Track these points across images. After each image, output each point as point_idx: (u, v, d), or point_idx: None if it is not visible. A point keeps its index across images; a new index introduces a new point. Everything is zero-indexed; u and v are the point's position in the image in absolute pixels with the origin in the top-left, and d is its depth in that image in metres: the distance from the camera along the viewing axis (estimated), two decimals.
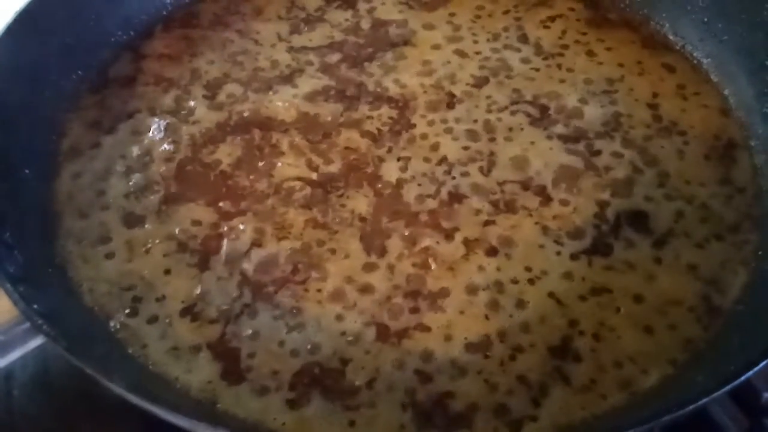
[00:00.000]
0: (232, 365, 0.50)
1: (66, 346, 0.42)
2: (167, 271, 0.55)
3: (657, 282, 0.55)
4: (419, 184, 0.61)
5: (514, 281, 0.55)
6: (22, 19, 0.63)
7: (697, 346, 0.51)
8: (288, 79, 0.70)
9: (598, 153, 0.64)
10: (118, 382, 0.39)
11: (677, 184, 0.62)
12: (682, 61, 0.72)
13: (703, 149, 0.65)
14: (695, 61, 0.72)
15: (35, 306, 0.44)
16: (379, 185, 0.61)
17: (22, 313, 0.43)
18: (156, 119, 0.66)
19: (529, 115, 0.67)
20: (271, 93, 0.69)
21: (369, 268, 0.56)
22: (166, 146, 0.64)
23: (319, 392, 0.49)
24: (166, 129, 0.65)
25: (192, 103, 0.67)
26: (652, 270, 0.56)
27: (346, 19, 0.76)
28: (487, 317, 0.53)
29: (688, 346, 0.52)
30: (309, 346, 0.51)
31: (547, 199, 0.60)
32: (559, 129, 0.66)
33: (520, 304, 0.54)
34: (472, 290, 0.54)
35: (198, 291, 0.54)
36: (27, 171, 0.59)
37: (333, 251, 0.57)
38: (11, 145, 0.58)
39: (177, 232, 0.58)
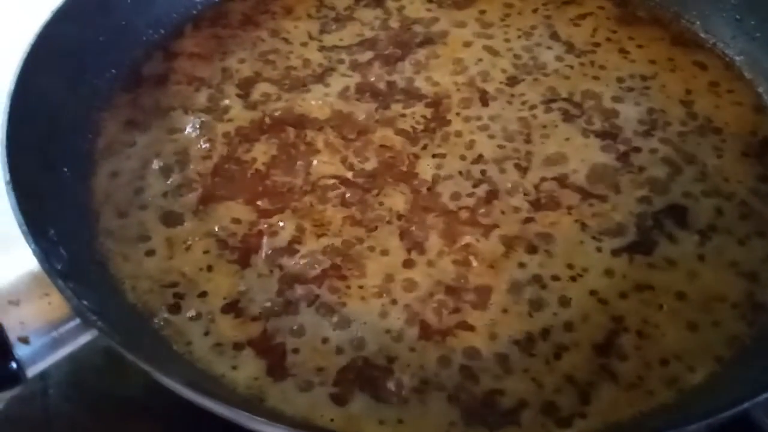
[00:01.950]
0: (276, 362, 0.50)
1: (121, 342, 0.42)
2: (209, 268, 0.55)
3: (699, 279, 0.55)
4: (456, 182, 0.61)
5: (556, 278, 0.55)
6: (56, 18, 0.63)
7: (743, 343, 0.51)
8: (320, 77, 0.70)
9: (635, 150, 0.64)
10: (176, 379, 0.39)
11: (716, 181, 0.61)
12: (713, 59, 0.72)
13: (739, 146, 0.64)
14: (727, 59, 0.72)
15: (85, 302, 0.44)
16: (416, 183, 0.61)
17: (75, 309, 0.43)
18: (191, 118, 0.66)
19: (564, 112, 0.66)
20: (304, 91, 0.69)
21: (409, 264, 0.56)
22: (202, 144, 0.64)
23: (366, 389, 0.49)
24: (201, 127, 0.65)
25: (226, 102, 0.67)
26: (694, 267, 0.56)
27: (376, 18, 0.76)
28: (530, 315, 0.53)
29: (733, 343, 0.51)
30: (354, 343, 0.51)
31: (585, 196, 0.60)
32: (595, 126, 0.65)
33: (563, 301, 0.53)
34: (514, 288, 0.54)
35: (240, 288, 0.54)
36: (65, 169, 0.59)
37: (372, 248, 0.57)
38: (50, 144, 0.58)
39: (217, 229, 0.58)
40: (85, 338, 0.45)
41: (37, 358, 0.45)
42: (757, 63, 0.70)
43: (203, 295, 0.54)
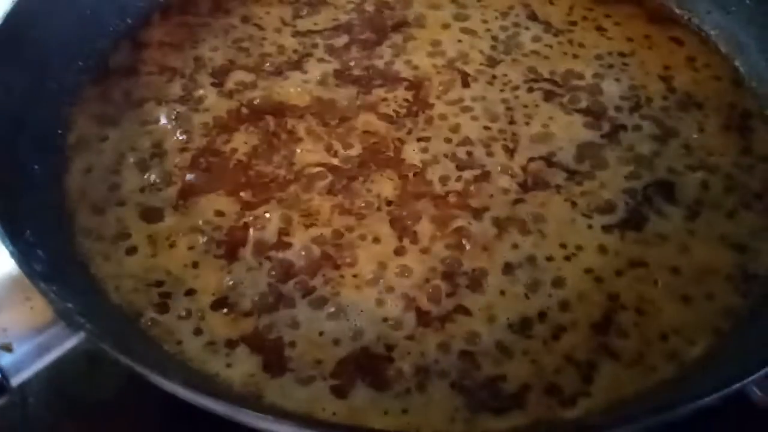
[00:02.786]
0: (273, 357, 0.48)
1: (113, 345, 0.40)
2: (195, 265, 0.53)
3: (691, 253, 0.55)
4: (443, 166, 0.60)
5: (550, 258, 0.54)
6: (17, 10, 0.60)
7: (739, 314, 0.51)
8: (297, 64, 0.68)
9: (619, 127, 0.64)
10: (176, 380, 0.38)
11: (700, 155, 0.62)
12: (689, 34, 0.72)
13: (720, 120, 0.65)
14: (703, 34, 0.72)
15: (69, 305, 0.42)
16: (403, 168, 0.60)
17: (59, 313, 0.41)
18: (165, 109, 0.64)
19: (546, 91, 0.66)
20: (281, 79, 0.67)
21: (402, 251, 0.54)
22: (178, 136, 0.62)
23: (366, 379, 0.48)
24: (176, 119, 0.63)
25: (201, 92, 0.65)
26: (685, 241, 0.56)
27: (350, 1, 0.74)
28: (527, 296, 0.52)
29: (729, 314, 0.52)
30: (351, 334, 0.50)
31: (573, 175, 0.60)
32: (578, 104, 0.65)
33: (559, 281, 0.53)
34: (509, 269, 0.54)
35: (229, 283, 0.52)
36: (36, 167, 0.56)
37: (363, 237, 0.55)
38: (18, 141, 0.56)
39: (200, 223, 0.56)
40: (71, 343, 0.42)
41: (21, 366, 0.43)
42: (732, 37, 0.70)
43: (191, 292, 0.52)
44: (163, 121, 0.63)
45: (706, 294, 0.53)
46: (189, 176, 0.59)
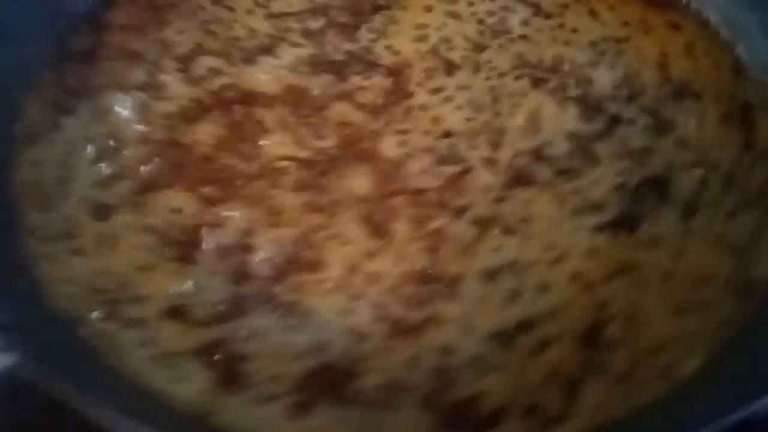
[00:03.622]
0: (227, 372, 0.44)
1: (37, 360, 0.35)
2: (146, 268, 0.49)
3: (687, 256, 0.51)
4: (422, 160, 0.56)
5: (535, 263, 0.50)
6: None
7: (737, 325, 0.47)
8: (269, 49, 0.63)
9: (612, 118, 0.59)
10: (109, 404, 0.33)
11: (698, 150, 0.57)
12: (688, 20, 0.68)
13: (720, 111, 0.60)
14: (702, 19, 0.67)
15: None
16: (378, 162, 0.56)
17: None
18: (124, 97, 0.59)
19: (535, 79, 0.61)
20: (251, 65, 0.62)
21: (374, 254, 0.50)
22: (137, 127, 0.57)
23: (329, 397, 0.44)
24: (136, 107, 0.58)
25: (165, 78, 0.60)
26: (681, 243, 0.52)
27: None
28: (508, 305, 0.48)
29: (727, 325, 0.47)
30: (314, 346, 0.46)
31: (561, 171, 0.55)
32: (569, 93, 0.61)
33: (543, 288, 0.49)
34: (488, 275, 0.49)
35: (183, 289, 0.48)
36: None
37: (333, 237, 0.51)
38: None
39: (154, 222, 0.51)
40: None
41: None
42: (734, 23, 0.66)
43: (141, 298, 0.48)
44: (121, 110, 0.58)
45: (703, 302, 0.49)
46: (146, 170, 0.54)
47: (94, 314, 0.47)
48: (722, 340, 0.47)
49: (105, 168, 0.54)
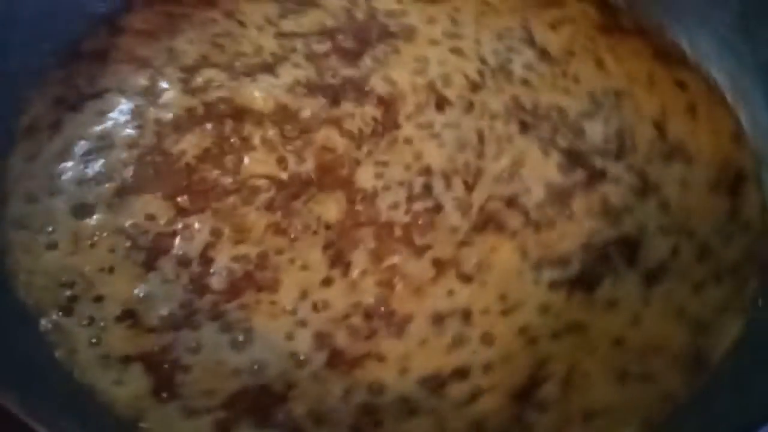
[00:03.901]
0: (164, 380, 0.46)
1: None
2: (110, 269, 0.51)
3: (642, 325, 0.50)
4: (395, 194, 0.57)
5: (485, 311, 0.50)
6: None
7: (676, 403, 0.47)
8: (270, 67, 0.65)
9: (596, 173, 0.59)
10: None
11: (677, 216, 0.56)
12: (697, 79, 0.66)
13: (709, 177, 0.59)
14: (711, 80, 0.66)
15: None
16: (352, 191, 0.57)
17: None
18: (123, 100, 0.62)
19: (524, 125, 0.61)
20: (249, 80, 0.64)
21: (328, 282, 0.51)
22: (129, 131, 0.60)
23: (254, 418, 0.45)
24: (132, 112, 0.61)
25: (165, 85, 0.63)
26: (637, 310, 0.51)
27: (342, 6, 0.71)
28: (449, 350, 0.48)
29: (666, 402, 0.47)
30: (253, 366, 0.47)
31: (532, 221, 0.55)
32: (556, 143, 0.60)
33: (487, 338, 0.49)
34: (437, 318, 0.50)
35: (140, 294, 0.50)
36: None
37: (292, 261, 0.52)
38: None
39: (127, 226, 0.54)
40: None
41: None
42: (742, 89, 0.64)
43: (100, 298, 0.50)
44: (118, 113, 0.61)
45: (647, 373, 0.48)
46: (130, 174, 0.57)
47: (55, 309, 0.49)
48: (660, 414, 0.46)
49: (92, 168, 0.57)
